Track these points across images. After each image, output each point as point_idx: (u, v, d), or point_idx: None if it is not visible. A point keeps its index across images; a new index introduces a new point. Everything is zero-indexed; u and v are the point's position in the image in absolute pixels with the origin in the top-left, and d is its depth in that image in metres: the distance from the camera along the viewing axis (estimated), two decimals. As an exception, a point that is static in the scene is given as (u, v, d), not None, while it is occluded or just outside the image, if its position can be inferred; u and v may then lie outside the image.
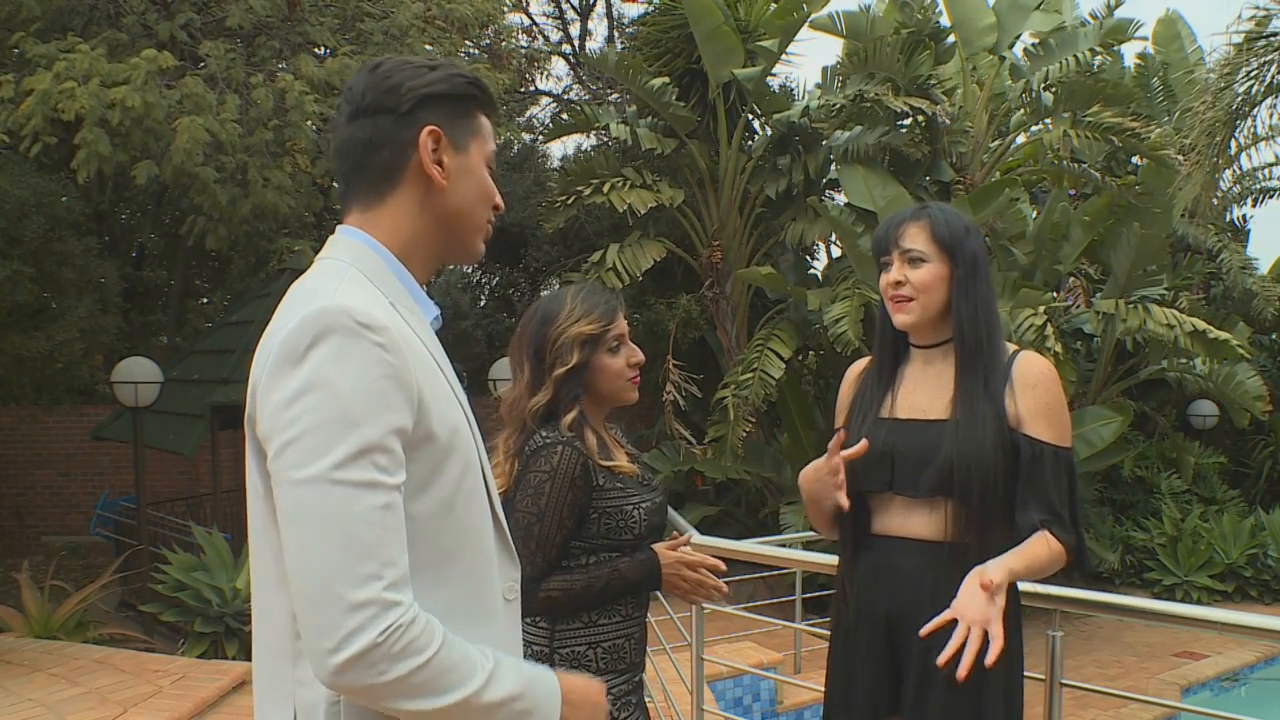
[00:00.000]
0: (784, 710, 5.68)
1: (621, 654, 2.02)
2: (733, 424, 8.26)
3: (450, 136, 1.34)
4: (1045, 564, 1.82)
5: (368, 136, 1.31)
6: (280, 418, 1.15)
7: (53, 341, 8.12)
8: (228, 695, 4.99)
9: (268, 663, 1.29)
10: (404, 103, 1.31)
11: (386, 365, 1.18)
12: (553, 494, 1.89)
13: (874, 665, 1.95)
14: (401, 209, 1.33)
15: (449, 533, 1.27)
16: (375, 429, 1.15)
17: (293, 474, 1.14)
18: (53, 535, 11.67)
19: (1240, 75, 6.74)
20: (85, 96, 6.32)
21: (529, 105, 14.59)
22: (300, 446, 1.13)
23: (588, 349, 1.97)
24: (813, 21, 8.70)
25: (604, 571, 1.95)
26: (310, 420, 1.13)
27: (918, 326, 1.94)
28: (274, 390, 1.17)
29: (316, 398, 1.14)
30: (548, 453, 1.91)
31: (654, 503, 2.06)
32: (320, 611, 1.11)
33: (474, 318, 12.65)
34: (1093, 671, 7.16)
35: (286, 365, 1.16)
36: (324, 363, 1.15)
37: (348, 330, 1.16)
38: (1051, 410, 1.88)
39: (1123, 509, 10.16)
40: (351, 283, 1.25)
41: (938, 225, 1.92)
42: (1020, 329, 7.18)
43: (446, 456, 1.26)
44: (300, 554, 1.13)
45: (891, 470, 1.92)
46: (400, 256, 1.34)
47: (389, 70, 1.33)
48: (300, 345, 1.16)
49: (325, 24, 8.12)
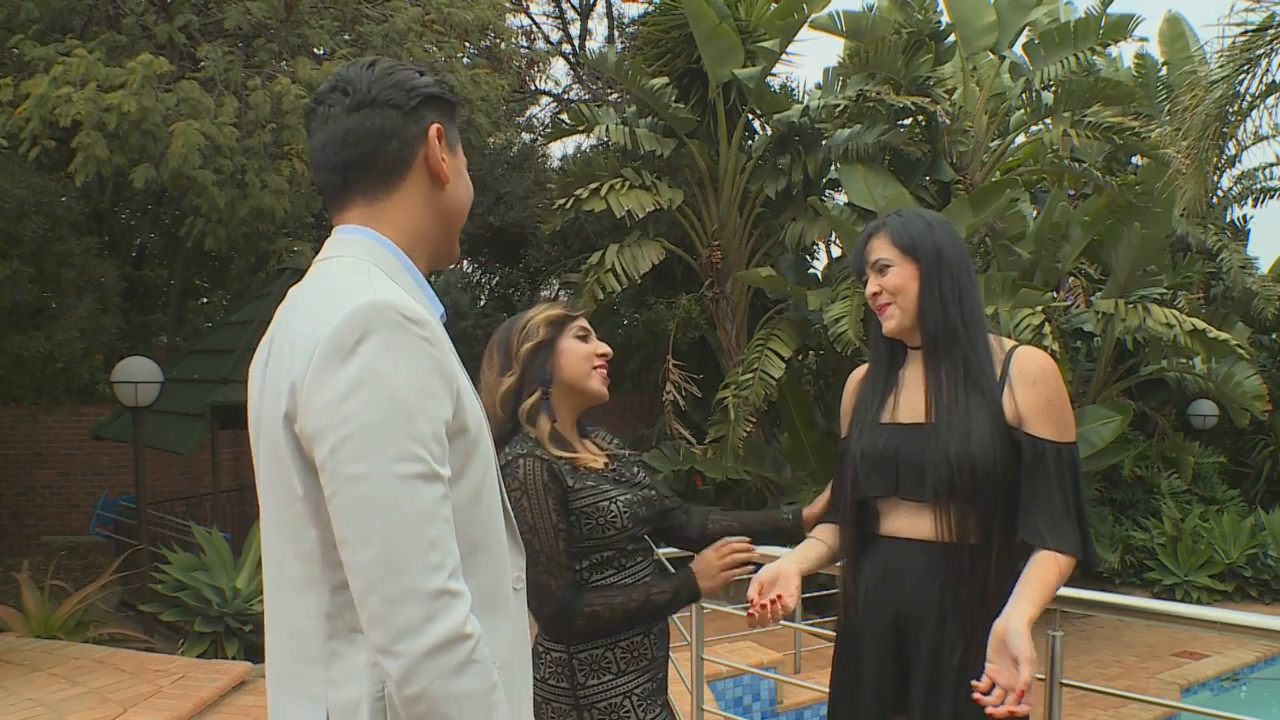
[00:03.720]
0: (784, 710, 5.68)
1: (642, 651, 1.98)
2: (733, 424, 8.26)
3: (447, 137, 1.38)
4: (1057, 585, 1.83)
5: (379, 127, 1.32)
6: (334, 414, 1.15)
7: (52, 341, 8.12)
8: (228, 695, 4.99)
9: (288, 665, 1.29)
10: (411, 99, 1.34)
11: (432, 359, 1.20)
12: (533, 506, 1.88)
13: (880, 665, 1.95)
14: (408, 203, 1.35)
15: (476, 524, 1.29)
16: (428, 422, 1.17)
17: (351, 469, 1.14)
18: (53, 535, 11.67)
19: (1233, 68, 6.73)
20: (81, 101, 6.33)
21: (529, 105, 14.60)
22: (358, 442, 1.14)
23: (554, 329, 2.00)
24: (813, 21, 8.70)
25: (639, 593, 1.94)
26: (366, 416, 1.14)
27: (903, 329, 1.97)
28: (323, 387, 1.16)
29: (371, 393, 1.15)
30: (512, 469, 1.89)
31: (637, 496, 2.00)
32: (394, 605, 1.12)
33: (474, 318, 12.65)
34: (1093, 671, 7.16)
35: (335, 361, 1.16)
36: (375, 358, 1.16)
37: (395, 325, 1.18)
38: (1052, 406, 1.87)
39: (1123, 509, 10.17)
40: (379, 278, 1.26)
41: (895, 230, 1.98)
42: (1019, 329, 7.19)
43: (475, 448, 1.28)
44: (365, 548, 1.14)
45: (896, 475, 1.92)
46: (407, 253, 1.35)
47: (389, 68, 1.36)
48: (349, 341, 1.16)
49: (324, 26, 8.13)
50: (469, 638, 1.14)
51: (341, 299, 1.20)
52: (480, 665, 1.15)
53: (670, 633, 2.10)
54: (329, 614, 1.22)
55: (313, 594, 1.23)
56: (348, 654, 1.22)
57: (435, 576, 1.13)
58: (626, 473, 2.06)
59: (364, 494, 1.14)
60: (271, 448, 1.24)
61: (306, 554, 1.23)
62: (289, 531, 1.25)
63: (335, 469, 1.15)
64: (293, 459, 1.21)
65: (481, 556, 1.30)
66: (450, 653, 1.12)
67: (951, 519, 1.87)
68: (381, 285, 1.23)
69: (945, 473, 1.85)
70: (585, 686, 1.92)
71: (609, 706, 1.92)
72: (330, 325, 1.18)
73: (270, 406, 1.24)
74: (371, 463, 1.13)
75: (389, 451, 1.14)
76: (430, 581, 1.13)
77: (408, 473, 1.14)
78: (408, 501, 1.13)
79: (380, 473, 1.13)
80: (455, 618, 1.13)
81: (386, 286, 1.24)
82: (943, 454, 1.85)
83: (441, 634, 1.12)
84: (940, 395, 1.91)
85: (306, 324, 1.22)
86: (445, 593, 1.13)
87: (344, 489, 1.15)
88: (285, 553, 1.26)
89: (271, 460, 1.25)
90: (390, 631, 1.12)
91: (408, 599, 1.12)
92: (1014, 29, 8.93)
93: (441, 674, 1.12)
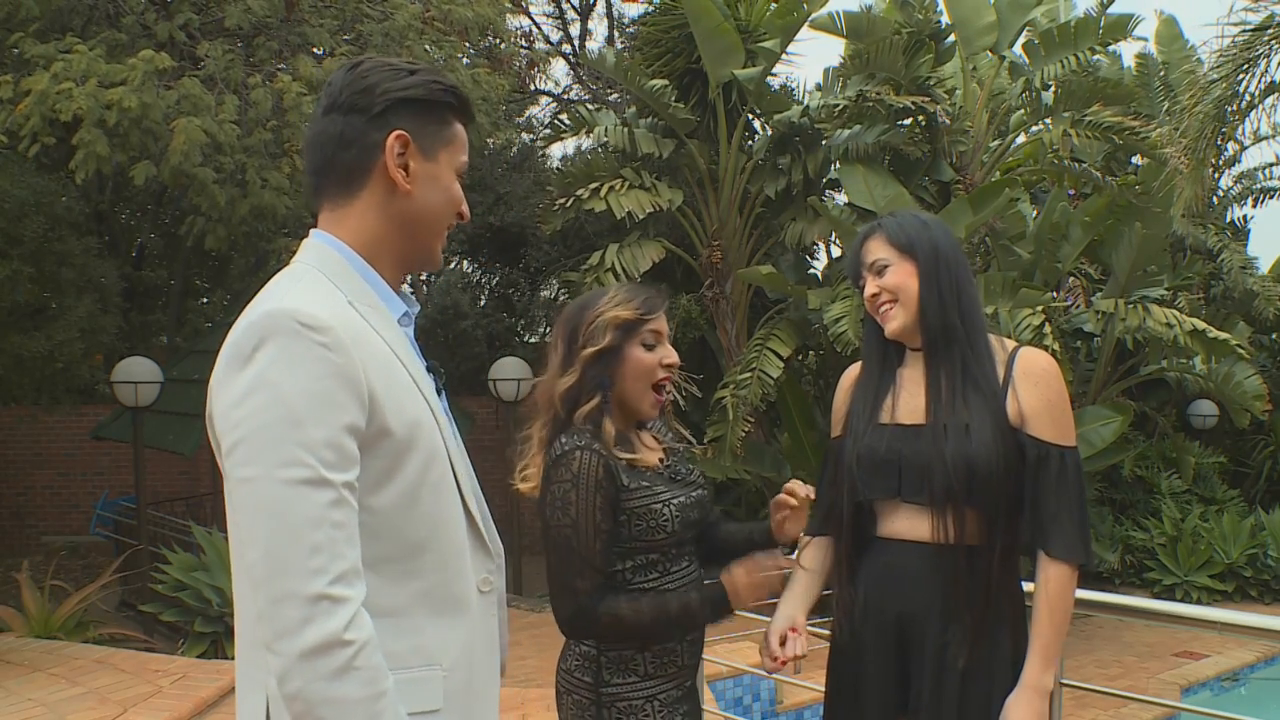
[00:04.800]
0: (784, 710, 5.68)
1: (673, 656, 1.91)
2: (731, 424, 8.26)
3: (419, 143, 1.35)
4: (1068, 601, 1.83)
5: (338, 133, 1.33)
6: (229, 418, 1.19)
7: (53, 341, 8.12)
8: (228, 695, 4.99)
9: (245, 651, 1.33)
10: (376, 104, 1.32)
11: (331, 365, 1.20)
12: (580, 501, 1.80)
13: (883, 666, 1.94)
14: (365, 210, 1.35)
15: (416, 525, 1.29)
16: (320, 428, 1.18)
17: (241, 472, 1.18)
18: (53, 535, 11.67)
19: (1232, 68, 6.72)
20: (82, 97, 6.32)
21: (529, 105, 14.59)
22: (247, 446, 1.17)
23: (620, 334, 1.87)
24: (813, 21, 8.69)
25: (673, 607, 1.85)
26: (256, 420, 1.17)
27: (905, 329, 1.95)
28: (223, 391, 1.21)
29: (262, 398, 1.18)
30: (567, 460, 1.82)
31: (689, 498, 1.93)
32: (274, 605, 1.15)
33: (474, 318, 12.64)
34: (1093, 671, 7.15)
35: (234, 367, 1.20)
36: (269, 365, 1.18)
37: (291, 332, 1.19)
38: (1054, 407, 1.86)
39: (1123, 509, 10.16)
40: (307, 284, 1.27)
41: (891, 230, 1.97)
42: (1019, 329, 7.19)
43: (407, 450, 1.28)
44: (250, 549, 1.17)
45: (899, 477, 1.90)
46: (366, 257, 1.35)
47: (367, 70, 1.35)
48: (246, 348, 1.20)
49: (324, 25, 8.12)
50: (349, 644, 1.15)
51: (253, 306, 1.25)
52: (362, 672, 1.16)
53: (700, 640, 2.01)
54: None
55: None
56: None
57: (315, 581, 1.14)
58: (681, 470, 1.99)
59: (252, 496, 1.17)
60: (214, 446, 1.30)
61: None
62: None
63: (229, 471, 1.20)
64: (219, 456, 1.27)
65: (427, 557, 1.30)
66: (326, 657, 1.14)
67: (950, 520, 1.85)
68: (298, 290, 1.25)
69: (944, 473, 1.84)
70: (609, 685, 1.87)
71: (629, 708, 1.87)
72: (235, 332, 1.22)
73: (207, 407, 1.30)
74: (259, 467, 1.16)
75: (275, 456, 1.16)
76: (310, 586, 1.14)
77: (293, 478, 1.16)
78: (291, 506, 1.15)
79: (266, 477, 1.16)
80: (333, 623, 1.14)
81: (304, 292, 1.25)
82: (942, 454, 1.84)
83: (317, 638, 1.13)
84: (940, 395, 1.89)
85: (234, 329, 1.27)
86: (325, 598, 1.14)
87: (235, 490, 1.19)
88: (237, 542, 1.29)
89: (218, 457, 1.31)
90: (272, 630, 1.15)
91: (287, 601, 1.14)
92: (1014, 29, 8.93)
93: (316, 677, 1.14)
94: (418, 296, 1.64)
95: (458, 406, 2.30)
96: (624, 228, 9.39)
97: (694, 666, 1.98)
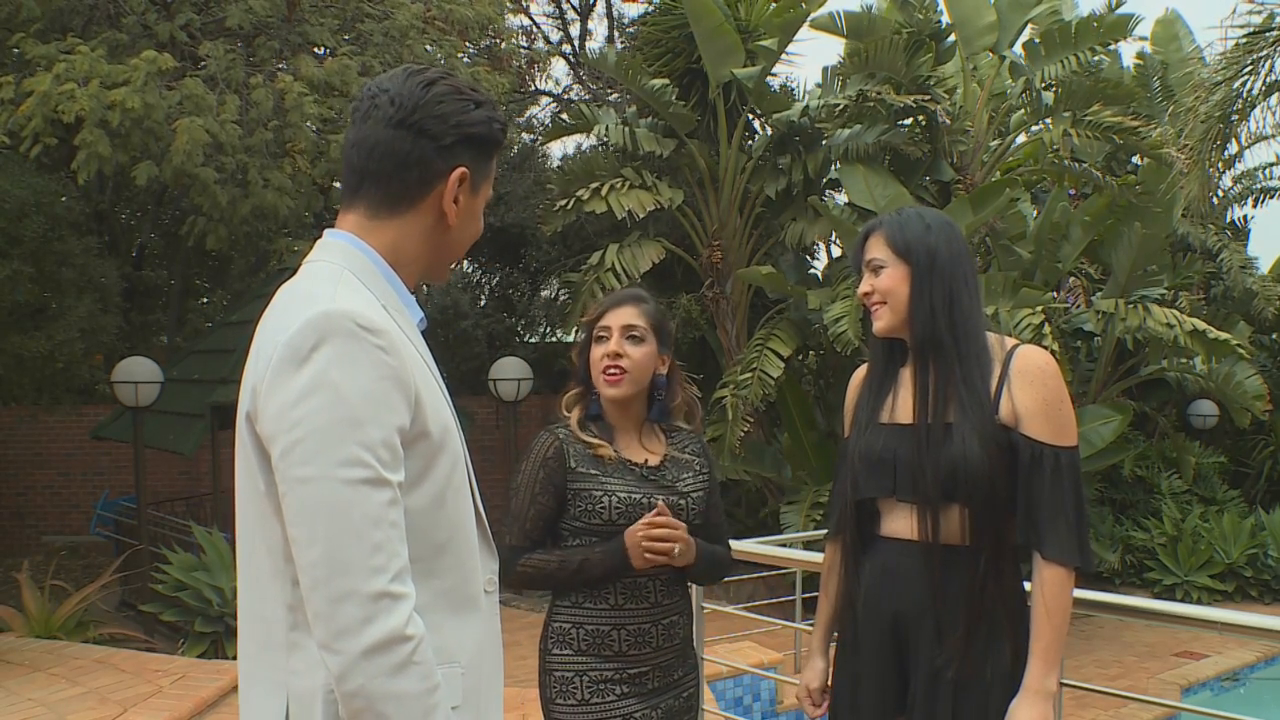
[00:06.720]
0: (784, 710, 5.68)
1: (608, 641, 2.09)
2: (731, 424, 8.26)
3: (472, 179, 1.37)
4: (1066, 603, 1.82)
5: (406, 151, 1.33)
6: (285, 418, 1.20)
7: (53, 341, 8.12)
8: (228, 695, 4.99)
9: (255, 653, 1.33)
10: (448, 135, 1.33)
11: (387, 367, 1.22)
12: (527, 471, 2.13)
13: (880, 666, 1.94)
14: (408, 230, 1.36)
15: (440, 526, 1.31)
16: (378, 429, 1.20)
17: (299, 472, 1.18)
18: (53, 535, 11.67)
19: (1234, 69, 6.72)
20: (85, 98, 6.33)
21: (529, 105, 14.59)
22: (307, 446, 1.18)
23: (586, 333, 2.22)
24: (813, 21, 8.70)
25: (577, 557, 2.08)
26: (316, 421, 1.18)
27: (892, 329, 1.95)
28: (278, 391, 1.21)
29: (322, 399, 1.18)
30: (536, 438, 2.18)
31: (644, 494, 2.10)
32: (335, 605, 1.16)
33: (474, 318, 12.64)
34: (1093, 671, 7.15)
35: (290, 367, 1.20)
36: (328, 365, 1.19)
37: (350, 333, 1.21)
38: (1050, 406, 1.83)
39: (1123, 509, 10.16)
40: (346, 286, 1.28)
41: (891, 231, 1.95)
42: (1019, 328, 7.19)
43: (438, 453, 1.30)
44: (311, 548, 1.18)
45: (894, 476, 1.91)
46: (391, 264, 1.37)
47: (442, 95, 1.34)
48: (304, 348, 1.20)
49: (325, 25, 8.12)
50: (409, 639, 1.17)
51: (303, 305, 1.24)
52: (420, 667, 1.18)
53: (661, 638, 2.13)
54: (291, 605, 1.26)
55: (277, 585, 1.27)
56: (307, 645, 1.25)
57: (377, 579, 1.16)
58: (667, 473, 2.17)
59: (311, 496, 1.18)
60: (241, 444, 1.30)
61: (273, 547, 1.27)
62: (258, 524, 1.30)
63: (286, 471, 1.19)
64: (256, 457, 1.27)
65: (447, 557, 1.32)
66: (388, 653, 1.16)
67: (931, 520, 1.85)
68: (344, 293, 1.26)
69: (924, 474, 1.84)
70: (550, 653, 2.15)
71: (563, 678, 2.10)
72: (288, 332, 1.22)
73: (241, 405, 1.30)
74: (319, 467, 1.17)
75: (336, 456, 1.17)
76: (371, 584, 1.16)
77: (354, 478, 1.17)
78: (353, 505, 1.17)
79: (327, 477, 1.17)
80: (395, 620, 1.16)
81: (350, 294, 1.26)
82: (925, 455, 1.85)
83: (380, 635, 1.15)
84: (926, 395, 1.89)
85: (272, 328, 1.27)
86: (386, 595, 1.16)
87: (293, 490, 1.19)
88: (256, 544, 1.31)
89: (242, 456, 1.31)
90: (331, 630, 1.16)
91: (348, 599, 1.15)
92: (1014, 29, 8.93)
93: (378, 673, 1.15)
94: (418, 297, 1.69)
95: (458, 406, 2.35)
96: (624, 227, 9.40)
97: (644, 658, 2.10)
